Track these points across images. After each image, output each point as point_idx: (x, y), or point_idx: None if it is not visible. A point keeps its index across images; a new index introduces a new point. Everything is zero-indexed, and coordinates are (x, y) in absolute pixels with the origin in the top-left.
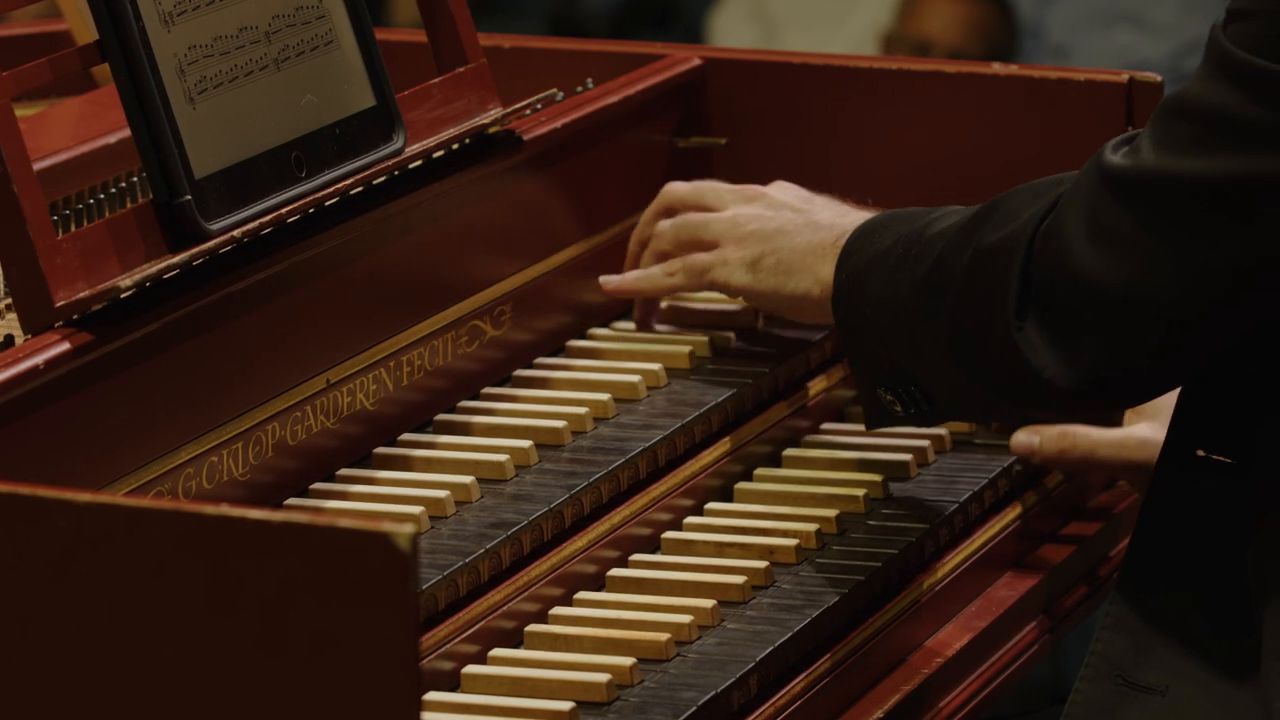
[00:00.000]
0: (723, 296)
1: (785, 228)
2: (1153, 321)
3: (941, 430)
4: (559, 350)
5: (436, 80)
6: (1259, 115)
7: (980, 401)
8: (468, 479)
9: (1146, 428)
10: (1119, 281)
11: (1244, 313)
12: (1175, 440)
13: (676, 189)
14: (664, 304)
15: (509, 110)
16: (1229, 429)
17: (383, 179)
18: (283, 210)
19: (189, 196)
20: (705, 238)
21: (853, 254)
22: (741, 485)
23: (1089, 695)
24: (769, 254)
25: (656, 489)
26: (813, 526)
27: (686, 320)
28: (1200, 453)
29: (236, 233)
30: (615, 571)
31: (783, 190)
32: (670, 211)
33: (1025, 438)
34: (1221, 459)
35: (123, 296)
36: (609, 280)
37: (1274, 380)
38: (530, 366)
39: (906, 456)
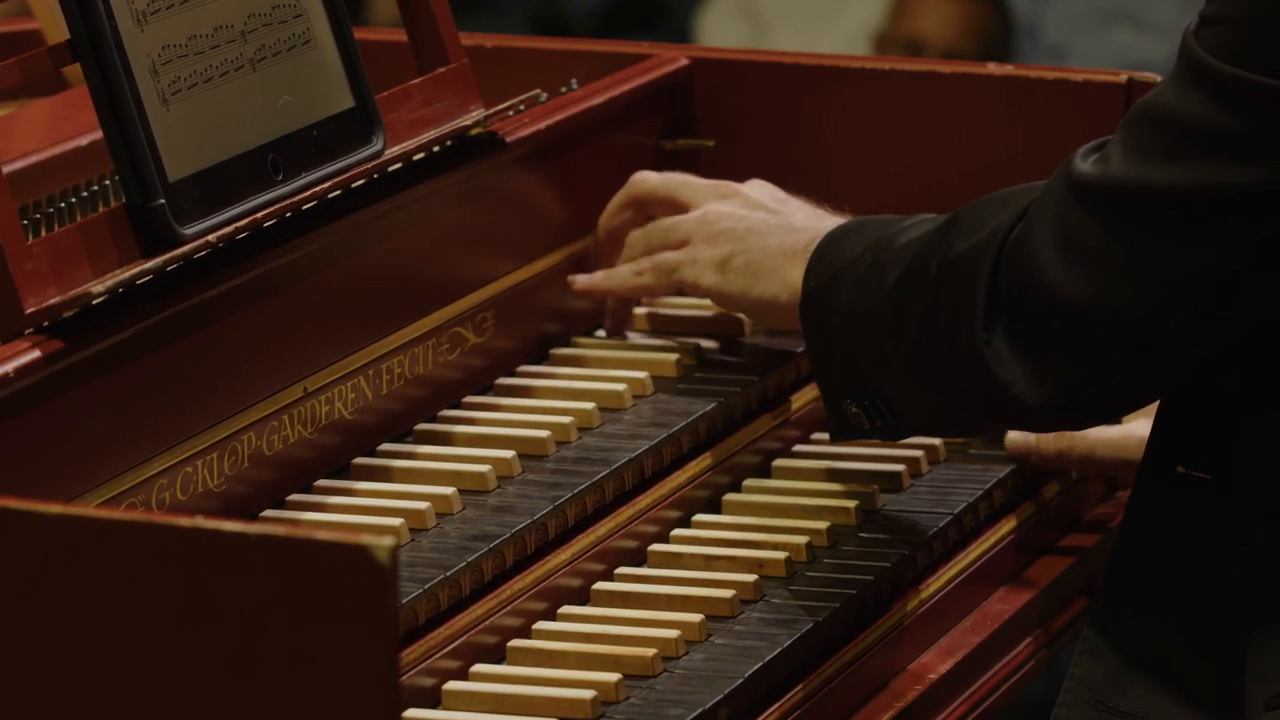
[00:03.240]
0: (707, 303)
1: (757, 228)
2: (1122, 336)
3: (935, 440)
4: (543, 358)
5: (417, 81)
6: (1229, 124)
7: (948, 416)
8: (449, 490)
9: (1145, 426)
10: (1087, 295)
11: (1215, 326)
12: (1154, 456)
13: (646, 180)
14: (642, 310)
15: (491, 111)
16: (1209, 444)
17: (361, 182)
18: (259, 214)
19: (162, 200)
20: (674, 239)
21: (822, 260)
22: (730, 497)
23: None
24: (739, 254)
25: (642, 500)
26: (803, 539)
27: (673, 328)
28: (1180, 469)
29: (211, 237)
30: (600, 585)
31: (758, 189)
32: (638, 204)
33: (1021, 437)
34: (1202, 476)
35: (95, 303)
36: (579, 279)
37: (1254, 394)
38: (513, 375)
39: (899, 467)
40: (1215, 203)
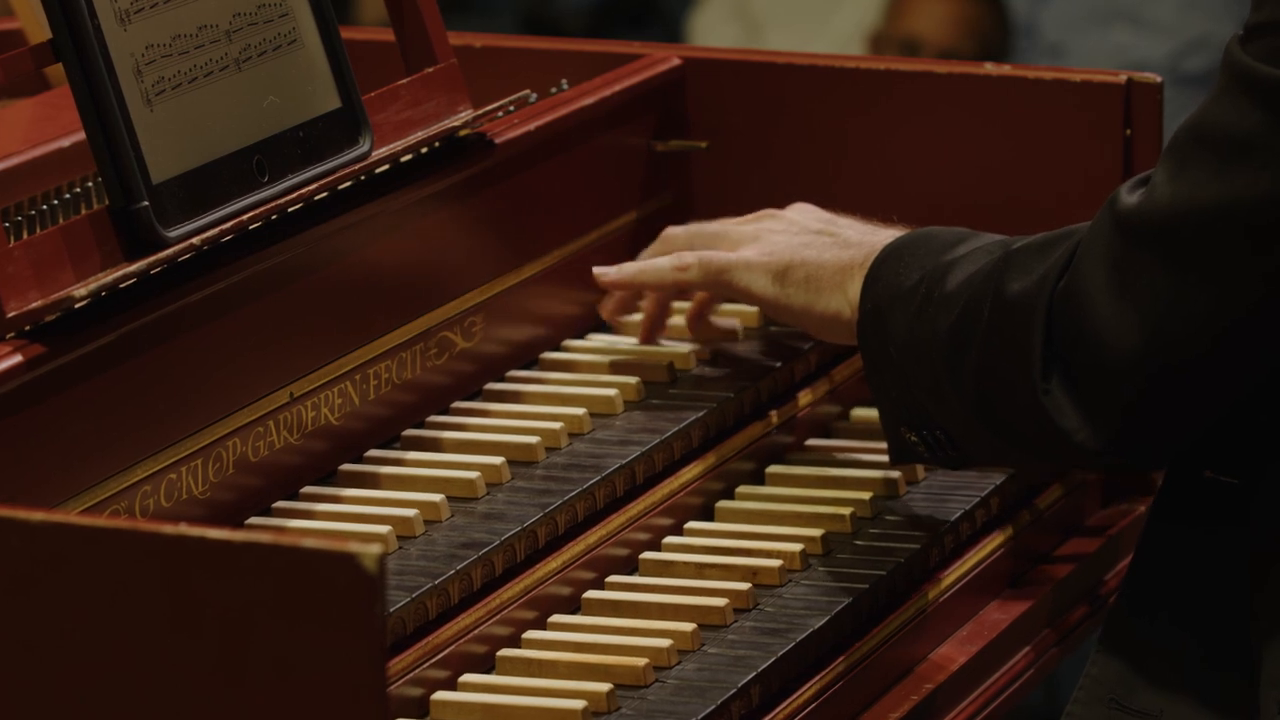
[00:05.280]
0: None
1: (812, 243)
2: (1180, 373)
3: None
4: (532, 363)
5: (404, 81)
6: None
7: (1006, 455)
8: (437, 497)
9: None
10: (1142, 335)
11: (1274, 349)
12: (1182, 460)
13: (675, 235)
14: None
15: (480, 112)
16: (1239, 449)
17: (348, 184)
18: (244, 217)
19: (146, 202)
20: (723, 245)
21: (877, 281)
22: (723, 504)
23: (1082, 718)
24: (797, 266)
25: (634, 508)
26: (797, 547)
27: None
28: (1208, 474)
29: (196, 240)
30: (591, 594)
31: (802, 212)
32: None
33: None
34: (1229, 480)
35: (77, 307)
36: (605, 271)
37: None
38: (502, 380)
39: (895, 474)
40: (1275, 214)
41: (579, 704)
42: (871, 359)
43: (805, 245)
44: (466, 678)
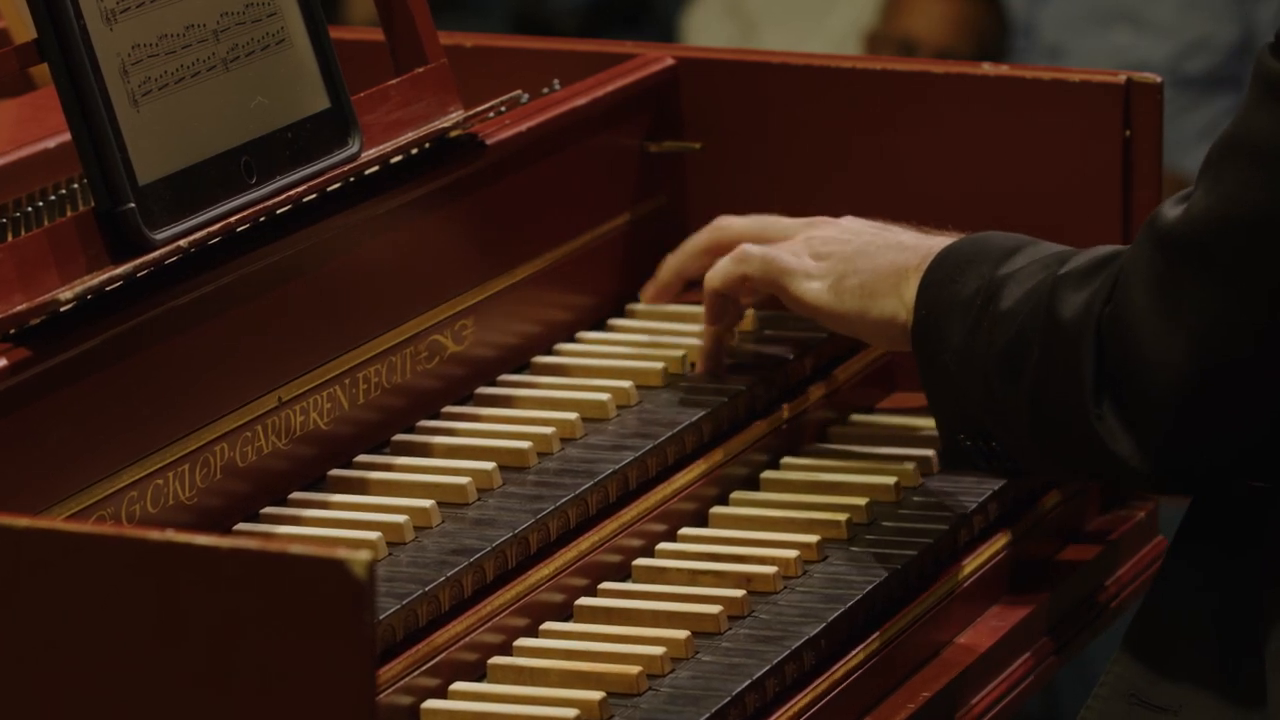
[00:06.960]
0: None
1: (865, 249)
2: (1228, 389)
3: (928, 451)
4: (524, 367)
5: (394, 81)
6: None
7: (1063, 473)
8: (427, 503)
9: None
10: (1188, 353)
11: None
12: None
13: (733, 223)
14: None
15: (471, 113)
16: (1270, 452)
17: (337, 186)
18: (232, 219)
19: (132, 204)
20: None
21: (933, 286)
22: (717, 509)
23: (1102, 712)
24: (850, 275)
25: (627, 513)
26: (793, 553)
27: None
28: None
29: (183, 242)
30: (583, 601)
31: (854, 221)
32: (722, 249)
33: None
34: (1260, 484)
35: (62, 310)
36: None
37: None
38: (493, 384)
39: (891, 480)
40: None
41: (571, 712)
42: (926, 364)
43: (859, 252)
44: (457, 686)
